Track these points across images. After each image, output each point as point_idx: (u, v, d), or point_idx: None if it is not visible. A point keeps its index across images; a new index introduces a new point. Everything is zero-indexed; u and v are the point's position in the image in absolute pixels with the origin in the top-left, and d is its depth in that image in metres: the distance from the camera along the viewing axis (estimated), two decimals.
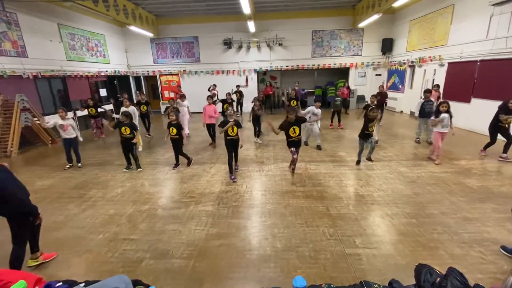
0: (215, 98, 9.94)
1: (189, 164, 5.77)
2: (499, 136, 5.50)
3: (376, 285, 1.39)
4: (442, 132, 5.26)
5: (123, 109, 6.95)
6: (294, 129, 4.63)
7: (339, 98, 8.88)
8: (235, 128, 4.77)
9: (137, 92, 12.81)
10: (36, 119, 7.69)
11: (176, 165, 5.74)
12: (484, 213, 3.54)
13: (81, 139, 6.03)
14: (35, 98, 8.32)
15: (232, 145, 4.91)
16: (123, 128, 5.28)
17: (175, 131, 5.40)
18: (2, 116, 7.18)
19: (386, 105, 8.80)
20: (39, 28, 8.60)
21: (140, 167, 5.65)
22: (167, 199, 4.36)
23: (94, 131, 8.88)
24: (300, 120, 4.73)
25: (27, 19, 8.15)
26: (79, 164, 5.99)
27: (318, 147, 6.69)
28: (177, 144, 5.59)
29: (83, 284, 1.35)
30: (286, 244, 3.04)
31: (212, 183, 4.86)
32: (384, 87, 9.45)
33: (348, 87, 12.48)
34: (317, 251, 2.89)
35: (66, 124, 5.55)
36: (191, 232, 3.36)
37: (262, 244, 3.07)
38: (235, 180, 4.88)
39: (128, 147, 5.48)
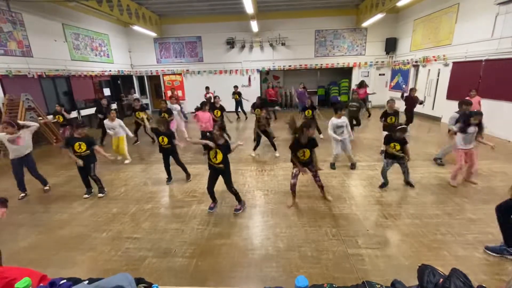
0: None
1: (188, 178, 5.02)
2: None
3: (379, 286, 1.38)
4: (467, 150, 4.26)
5: (107, 122, 5.98)
6: (304, 152, 3.62)
7: (355, 103, 7.35)
8: (219, 154, 3.51)
9: (130, 90, 11.63)
10: (40, 118, 7.77)
11: (169, 179, 4.96)
12: (488, 214, 3.49)
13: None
14: (40, 98, 8.40)
15: (215, 173, 3.72)
16: (76, 144, 4.12)
17: (166, 140, 4.60)
18: (8, 115, 7.25)
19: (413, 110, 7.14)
20: (44, 28, 8.68)
21: (104, 192, 4.48)
22: (169, 198, 4.38)
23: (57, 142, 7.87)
24: (314, 144, 3.64)
25: (32, 19, 8.22)
26: (46, 187, 4.75)
27: (332, 165, 5.44)
28: (171, 154, 4.80)
29: (87, 281, 1.36)
30: (289, 243, 3.04)
31: None
32: (414, 90, 7.60)
33: (365, 86, 10.78)
34: (319, 251, 2.89)
35: (19, 136, 4.23)
36: (193, 231, 3.37)
37: (264, 243, 3.07)
38: (212, 210, 3.85)
39: (85, 167, 4.27)
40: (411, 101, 7.33)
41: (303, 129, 3.52)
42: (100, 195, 4.46)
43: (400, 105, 7.32)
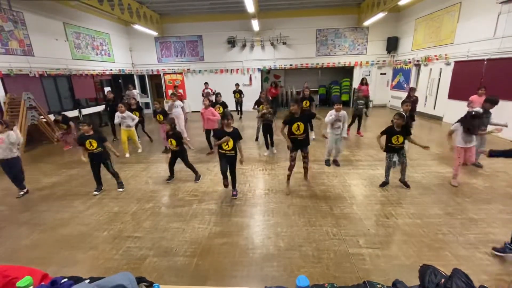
0: (211, 99, 7.99)
1: (197, 179, 4.91)
2: None
3: (380, 285, 1.37)
4: (467, 148, 4.21)
5: (118, 114, 6.29)
6: (298, 125, 3.83)
7: (361, 101, 7.34)
8: (230, 142, 3.77)
9: (128, 86, 11.15)
10: (42, 117, 7.78)
11: (171, 177, 4.98)
12: (490, 214, 3.49)
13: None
14: (41, 97, 8.42)
15: (226, 161, 3.92)
16: (87, 142, 4.18)
17: (174, 142, 4.62)
18: (9, 114, 7.26)
19: (415, 111, 6.94)
20: (45, 27, 8.69)
21: (123, 187, 4.62)
22: (170, 197, 4.38)
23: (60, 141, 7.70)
24: (308, 116, 3.88)
25: (33, 18, 8.23)
26: (21, 193, 4.51)
27: (335, 162, 5.48)
28: (179, 156, 4.80)
29: (88, 280, 1.36)
30: (289, 243, 3.04)
31: (215, 181, 4.86)
32: (415, 91, 7.54)
33: (366, 83, 10.60)
34: (320, 251, 2.88)
35: (0, 137, 4.08)
36: (194, 230, 3.37)
37: (265, 243, 3.07)
38: (235, 195, 4.13)
39: (99, 164, 4.42)
40: (411, 103, 7.35)
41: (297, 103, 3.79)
42: (120, 190, 4.57)
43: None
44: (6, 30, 7.41)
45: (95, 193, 4.49)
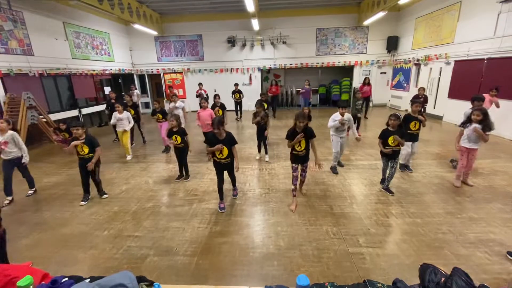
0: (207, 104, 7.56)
1: (186, 178, 5.02)
2: None
3: (380, 285, 1.38)
4: (470, 149, 4.15)
5: (115, 115, 6.06)
6: (299, 142, 3.60)
7: (360, 102, 7.31)
8: (225, 150, 3.57)
9: (130, 87, 11.08)
10: (42, 116, 7.78)
11: (180, 176, 5.04)
12: (490, 213, 3.50)
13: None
14: (41, 96, 8.41)
15: (222, 169, 3.81)
16: (79, 146, 3.98)
17: (179, 139, 4.68)
18: (9, 114, 7.26)
19: (424, 111, 6.42)
20: (45, 27, 8.68)
21: (106, 194, 4.42)
22: (170, 197, 4.38)
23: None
24: (309, 134, 3.63)
25: (33, 17, 8.22)
26: (31, 191, 4.55)
27: (333, 169, 5.12)
28: (182, 153, 4.88)
29: (89, 279, 1.36)
30: (290, 242, 3.04)
31: (215, 181, 4.83)
32: (425, 90, 7.69)
33: (369, 84, 10.39)
34: (320, 250, 2.89)
35: (4, 140, 4.06)
36: (194, 229, 3.38)
37: (265, 242, 3.07)
38: (224, 210, 3.80)
39: (87, 170, 4.10)
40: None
41: (296, 120, 3.53)
42: (105, 196, 4.39)
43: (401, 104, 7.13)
44: (5, 30, 7.40)
45: (82, 203, 4.15)
